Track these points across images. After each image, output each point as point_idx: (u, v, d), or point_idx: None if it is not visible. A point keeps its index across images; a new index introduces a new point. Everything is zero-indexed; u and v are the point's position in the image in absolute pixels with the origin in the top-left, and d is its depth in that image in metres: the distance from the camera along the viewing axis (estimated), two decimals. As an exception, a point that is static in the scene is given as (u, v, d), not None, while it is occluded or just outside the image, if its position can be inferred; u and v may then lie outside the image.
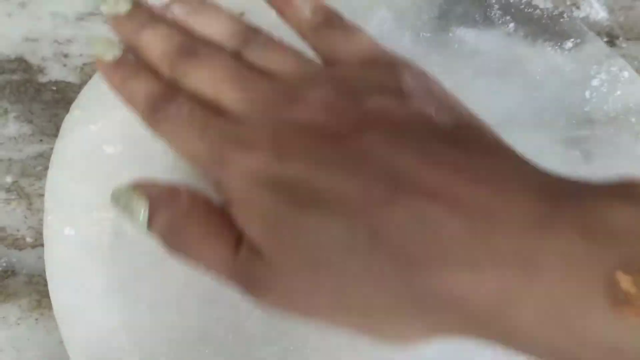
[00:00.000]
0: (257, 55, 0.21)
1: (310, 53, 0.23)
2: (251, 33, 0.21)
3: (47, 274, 0.24)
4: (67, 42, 0.33)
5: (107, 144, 0.26)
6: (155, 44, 0.21)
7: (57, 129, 0.29)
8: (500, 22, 0.30)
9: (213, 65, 0.20)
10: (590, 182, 0.16)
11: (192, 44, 0.21)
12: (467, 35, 0.30)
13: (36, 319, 0.26)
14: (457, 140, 0.18)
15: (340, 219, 0.16)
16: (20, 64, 0.32)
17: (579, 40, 0.30)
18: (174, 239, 0.19)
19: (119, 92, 0.21)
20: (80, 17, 0.34)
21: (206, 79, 0.20)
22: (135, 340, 0.23)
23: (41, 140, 0.30)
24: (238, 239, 0.18)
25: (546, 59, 0.29)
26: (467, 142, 0.18)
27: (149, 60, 0.21)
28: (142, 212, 0.19)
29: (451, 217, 0.15)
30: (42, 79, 0.32)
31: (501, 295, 0.15)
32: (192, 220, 0.19)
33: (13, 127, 0.30)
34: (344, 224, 0.16)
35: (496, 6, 0.31)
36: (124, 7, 0.21)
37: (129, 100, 0.21)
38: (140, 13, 0.22)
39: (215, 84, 0.20)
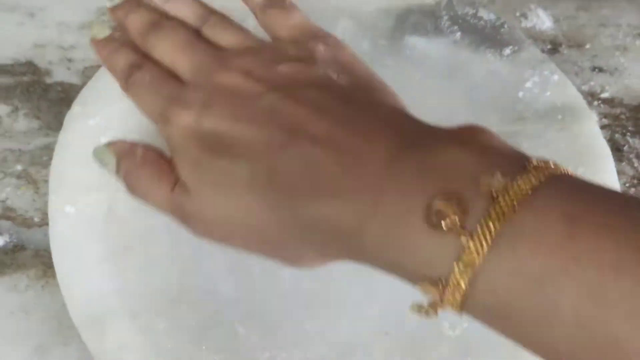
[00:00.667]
0: (212, 32, 0.26)
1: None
2: (210, 14, 0.27)
3: (51, 246, 0.29)
4: (71, 48, 0.38)
5: (103, 136, 0.30)
6: (134, 23, 0.26)
7: (61, 123, 0.33)
8: (448, 31, 0.35)
9: (173, 37, 0.25)
10: (442, 128, 0.21)
11: (159, 20, 0.26)
12: (418, 43, 0.34)
13: (42, 286, 0.31)
14: (349, 98, 0.22)
15: (245, 161, 0.21)
16: (30, 67, 0.37)
17: (516, 48, 0.34)
18: (131, 182, 0.24)
19: (106, 63, 0.27)
20: (83, 26, 0.39)
21: (167, 49, 0.25)
22: (124, 300, 0.28)
23: (47, 134, 0.34)
24: (176, 181, 0.23)
25: (487, 64, 0.33)
26: (357, 100, 0.22)
27: (131, 37, 0.27)
28: (112, 162, 0.25)
29: (328, 157, 0.20)
30: (49, 80, 0.36)
31: (356, 220, 0.19)
32: (143, 168, 0.24)
33: (23, 122, 0.35)
34: (248, 165, 0.21)
35: (445, 17, 0.35)
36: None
37: (112, 69, 0.27)
38: (130, 3, 0.27)
39: (173, 53, 0.25)
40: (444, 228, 0.17)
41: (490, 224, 0.16)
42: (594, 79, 0.37)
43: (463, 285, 0.17)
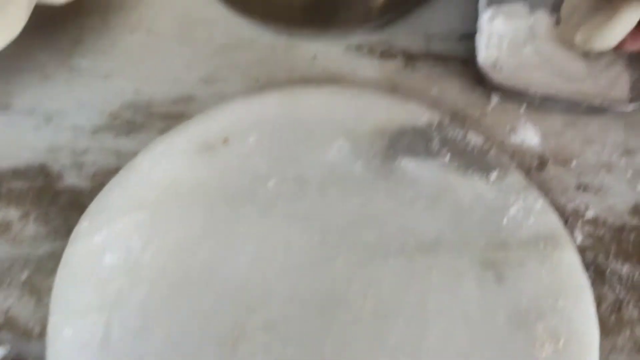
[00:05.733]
0: None
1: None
2: None
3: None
4: (82, 153, 0.40)
5: (107, 254, 0.32)
6: None
7: (69, 229, 0.35)
8: (438, 153, 0.37)
9: None
10: None
11: None
12: (409, 165, 0.36)
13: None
14: None
15: None
16: (42, 171, 0.39)
17: (502, 173, 0.36)
18: None
19: None
20: (96, 130, 0.41)
21: None
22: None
23: (54, 240, 0.36)
24: None
25: (474, 188, 0.35)
26: None
27: None
28: None
29: None
30: (59, 185, 0.38)
31: None
32: None
33: (32, 227, 0.37)
34: None
35: (436, 140, 0.37)
36: None
37: None
38: None
39: None
40: None
41: None
42: (579, 198, 0.39)
43: None
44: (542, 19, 0.44)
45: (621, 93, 0.41)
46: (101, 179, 0.38)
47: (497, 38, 0.44)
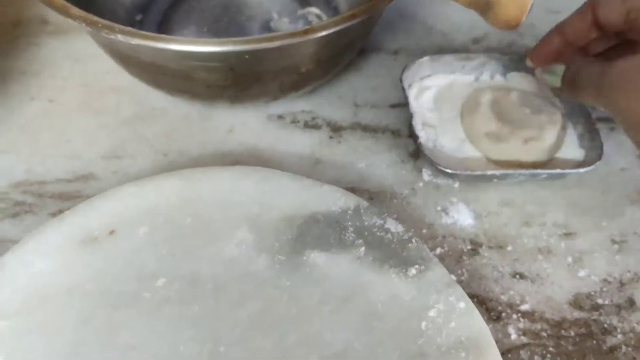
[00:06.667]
0: None
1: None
2: None
3: None
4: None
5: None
6: None
7: None
8: (352, 245, 0.33)
9: None
10: None
11: None
12: (319, 259, 0.32)
13: None
14: None
15: None
16: None
17: (422, 267, 0.32)
18: None
19: None
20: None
21: None
22: None
23: None
24: None
25: (389, 287, 0.31)
26: None
27: None
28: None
29: None
30: None
31: None
32: None
33: None
34: None
35: (351, 229, 0.33)
36: None
37: None
38: None
39: None
40: None
41: None
42: (514, 287, 0.35)
43: None
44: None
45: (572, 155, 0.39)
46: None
47: (430, 111, 0.41)
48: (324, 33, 0.32)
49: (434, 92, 0.41)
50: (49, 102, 0.42)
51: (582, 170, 0.37)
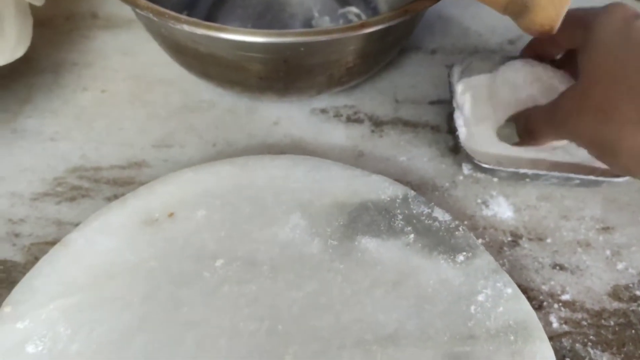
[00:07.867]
0: None
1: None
2: None
3: None
4: (20, 222, 0.37)
5: (29, 343, 0.29)
6: None
7: (-3, 309, 0.31)
8: (401, 232, 0.34)
9: None
10: None
11: None
12: (370, 244, 0.33)
13: None
14: None
15: None
16: (-27, 243, 0.36)
17: (470, 254, 0.33)
18: None
19: None
20: (35, 197, 0.38)
21: None
22: None
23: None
24: None
25: (439, 272, 0.32)
26: None
27: None
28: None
29: None
30: (-10, 258, 0.35)
31: None
32: None
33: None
34: None
35: (400, 217, 0.34)
36: None
37: None
38: None
39: None
40: None
41: None
42: (555, 278, 0.36)
43: None
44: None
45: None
46: (36, 253, 0.35)
47: (470, 109, 0.42)
48: (378, 27, 0.33)
49: (478, 90, 0.42)
50: (101, 92, 0.44)
51: (616, 180, 0.38)
